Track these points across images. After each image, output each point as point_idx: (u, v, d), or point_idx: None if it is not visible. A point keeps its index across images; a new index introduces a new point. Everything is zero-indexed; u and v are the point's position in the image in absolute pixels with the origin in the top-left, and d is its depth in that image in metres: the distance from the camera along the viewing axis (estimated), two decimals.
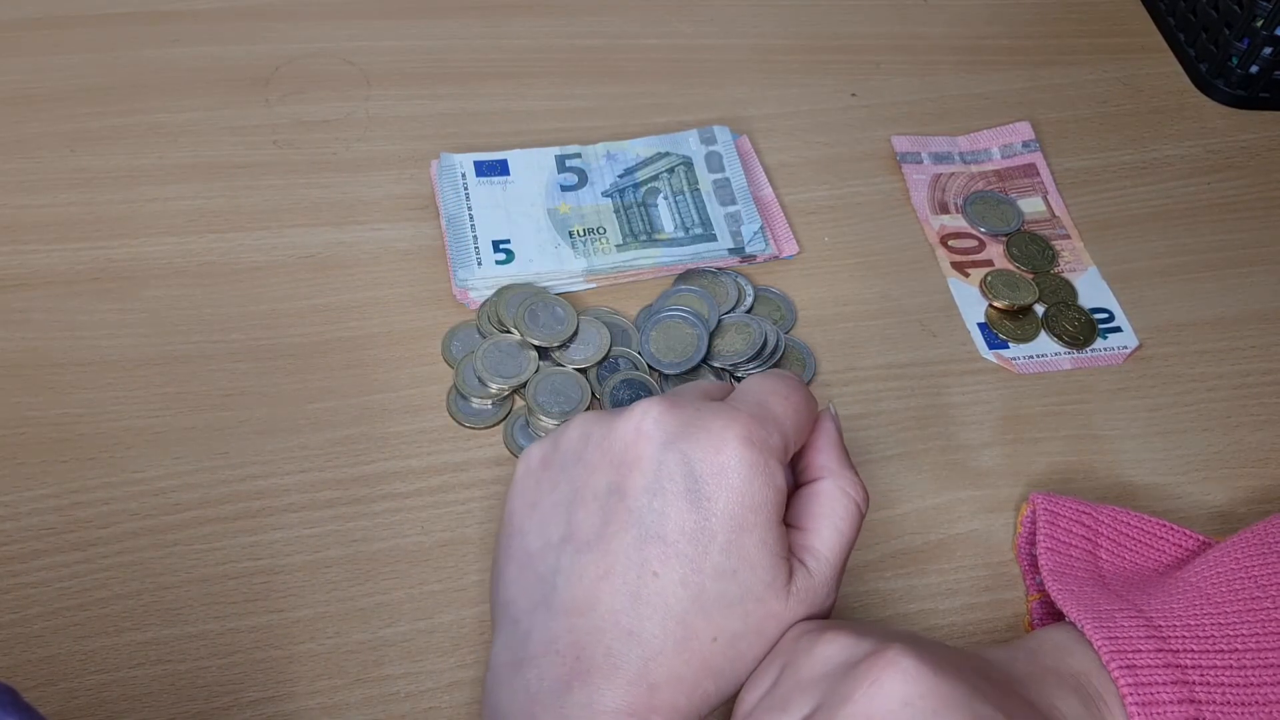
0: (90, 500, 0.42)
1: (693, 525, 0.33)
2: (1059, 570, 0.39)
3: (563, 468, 0.35)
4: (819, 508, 0.35)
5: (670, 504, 0.33)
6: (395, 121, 0.56)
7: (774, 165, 0.55)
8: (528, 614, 0.34)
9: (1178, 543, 0.40)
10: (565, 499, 0.35)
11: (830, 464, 0.36)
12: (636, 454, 0.34)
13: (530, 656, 0.33)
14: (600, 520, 0.33)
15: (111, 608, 0.39)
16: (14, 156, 0.53)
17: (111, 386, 0.45)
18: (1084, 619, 0.35)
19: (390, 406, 0.45)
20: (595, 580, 0.33)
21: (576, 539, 0.34)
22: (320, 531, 0.42)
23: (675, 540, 0.33)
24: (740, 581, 0.33)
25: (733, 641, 0.33)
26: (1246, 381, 0.49)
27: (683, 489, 0.33)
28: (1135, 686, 0.33)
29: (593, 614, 0.32)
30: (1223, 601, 0.35)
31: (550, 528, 0.35)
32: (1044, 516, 0.41)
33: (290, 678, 0.38)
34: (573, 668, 0.32)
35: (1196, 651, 0.34)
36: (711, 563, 0.32)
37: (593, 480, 0.34)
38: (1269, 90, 0.59)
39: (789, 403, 0.35)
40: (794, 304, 0.50)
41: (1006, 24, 0.64)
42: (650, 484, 0.33)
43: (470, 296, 0.49)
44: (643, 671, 0.32)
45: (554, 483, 0.35)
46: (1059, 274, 0.52)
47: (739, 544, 0.33)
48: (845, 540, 0.35)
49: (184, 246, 0.50)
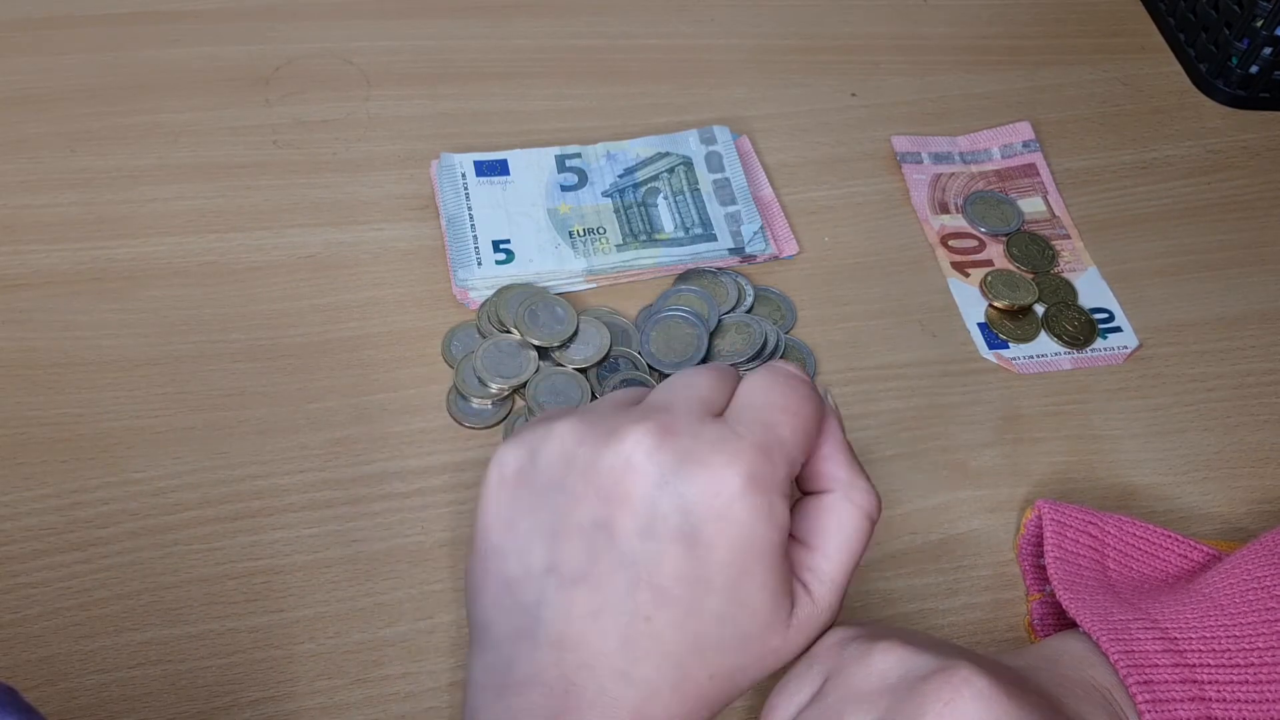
0: (90, 500, 0.42)
1: (689, 572, 0.30)
2: (1070, 580, 0.38)
3: (543, 491, 0.32)
4: (826, 523, 0.33)
5: (665, 549, 0.30)
6: (395, 121, 0.56)
7: (774, 165, 0.55)
8: (509, 641, 0.32)
9: (1184, 554, 0.39)
10: (547, 526, 0.32)
11: (839, 473, 0.34)
12: (626, 490, 0.31)
13: (514, 684, 0.31)
14: (587, 557, 0.31)
15: (111, 608, 0.39)
16: (14, 156, 0.53)
17: (111, 386, 0.45)
18: (1100, 631, 0.34)
19: (390, 406, 0.45)
20: (584, 618, 0.31)
21: (562, 572, 0.31)
22: (320, 531, 0.42)
23: (669, 586, 0.30)
24: (739, 625, 0.31)
25: (730, 676, 0.32)
26: (1247, 381, 0.49)
27: (677, 534, 0.30)
28: (1153, 703, 0.32)
29: (582, 651, 0.31)
30: (1237, 613, 0.35)
31: (531, 554, 0.32)
32: (1051, 526, 0.40)
33: (290, 678, 0.38)
34: (563, 703, 0.30)
35: (1213, 666, 0.33)
36: (709, 609, 0.31)
37: (577, 511, 0.31)
38: (1269, 90, 0.59)
39: (797, 419, 0.32)
40: (794, 304, 0.50)
41: (1006, 24, 0.64)
42: (643, 526, 0.31)
43: (470, 296, 0.49)
44: (637, 710, 0.30)
45: (533, 505, 0.33)
46: (1059, 274, 0.52)
47: (738, 589, 0.31)
48: (853, 558, 0.33)
49: (184, 246, 0.50)
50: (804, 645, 0.33)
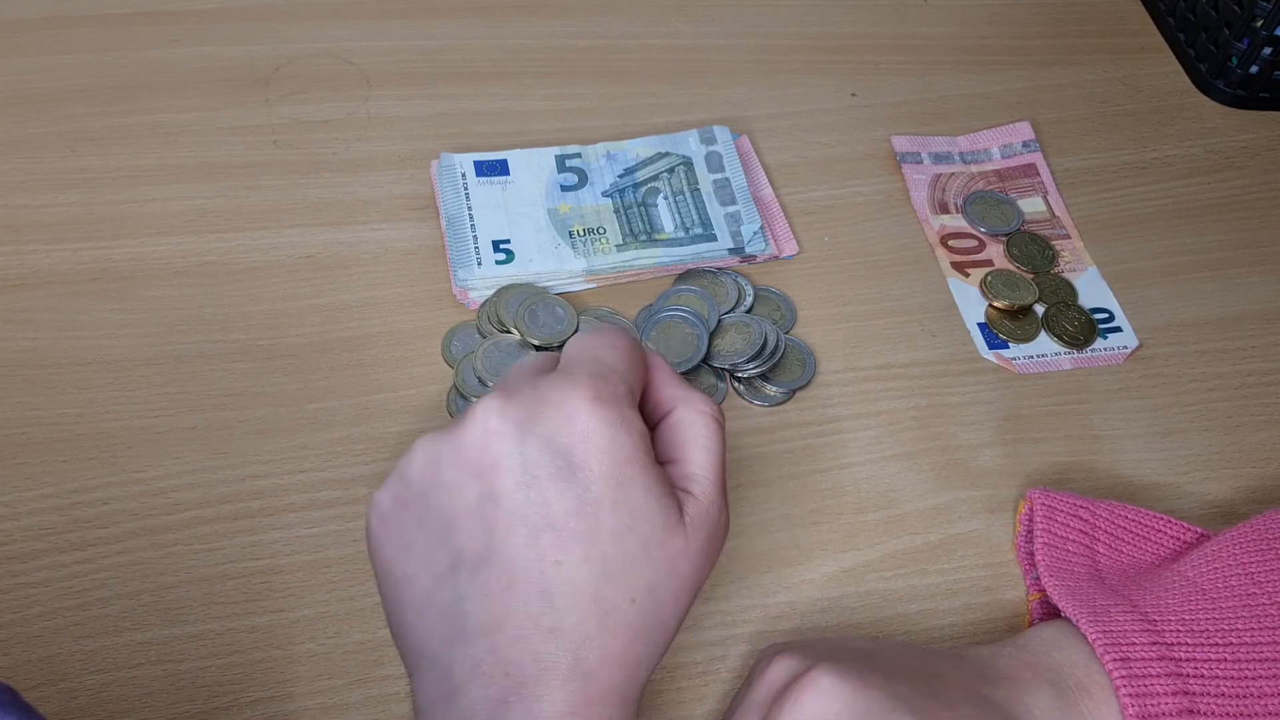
0: (90, 500, 0.42)
1: (576, 501, 0.32)
2: (1055, 566, 0.39)
3: (422, 498, 0.34)
4: (682, 435, 0.35)
5: (547, 489, 0.32)
6: (395, 121, 0.56)
7: (774, 165, 0.55)
8: (444, 649, 0.32)
9: (1176, 535, 0.40)
10: (438, 527, 0.33)
11: (675, 392, 0.36)
12: (494, 456, 0.32)
13: (456, 686, 0.31)
14: (484, 533, 0.32)
15: (111, 608, 0.39)
16: (14, 156, 0.53)
17: (111, 386, 0.45)
18: (1079, 614, 0.35)
19: (390, 406, 0.45)
20: (501, 592, 0.32)
21: (468, 560, 0.32)
22: (320, 531, 0.42)
23: (565, 522, 0.32)
24: (639, 534, 0.32)
25: (650, 594, 0.32)
26: (1247, 381, 0.49)
27: (553, 470, 0.32)
28: (1129, 678, 0.33)
29: (509, 625, 0.31)
30: (1219, 597, 0.36)
31: (435, 560, 0.33)
32: (1041, 512, 0.41)
33: (290, 678, 0.38)
34: (503, 684, 0.31)
35: (1191, 645, 0.34)
36: (606, 529, 0.32)
37: (460, 498, 0.33)
38: (1269, 90, 0.59)
39: (618, 350, 0.35)
40: (794, 304, 0.50)
41: (1006, 24, 0.64)
42: (520, 479, 0.32)
43: (470, 296, 0.49)
44: (574, 664, 0.31)
45: (420, 518, 0.33)
46: (1059, 274, 0.52)
47: (625, 500, 0.32)
48: (716, 457, 0.35)
49: (184, 246, 0.50)
50: (705, 543, 0.34)
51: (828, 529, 0.43)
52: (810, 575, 0.42)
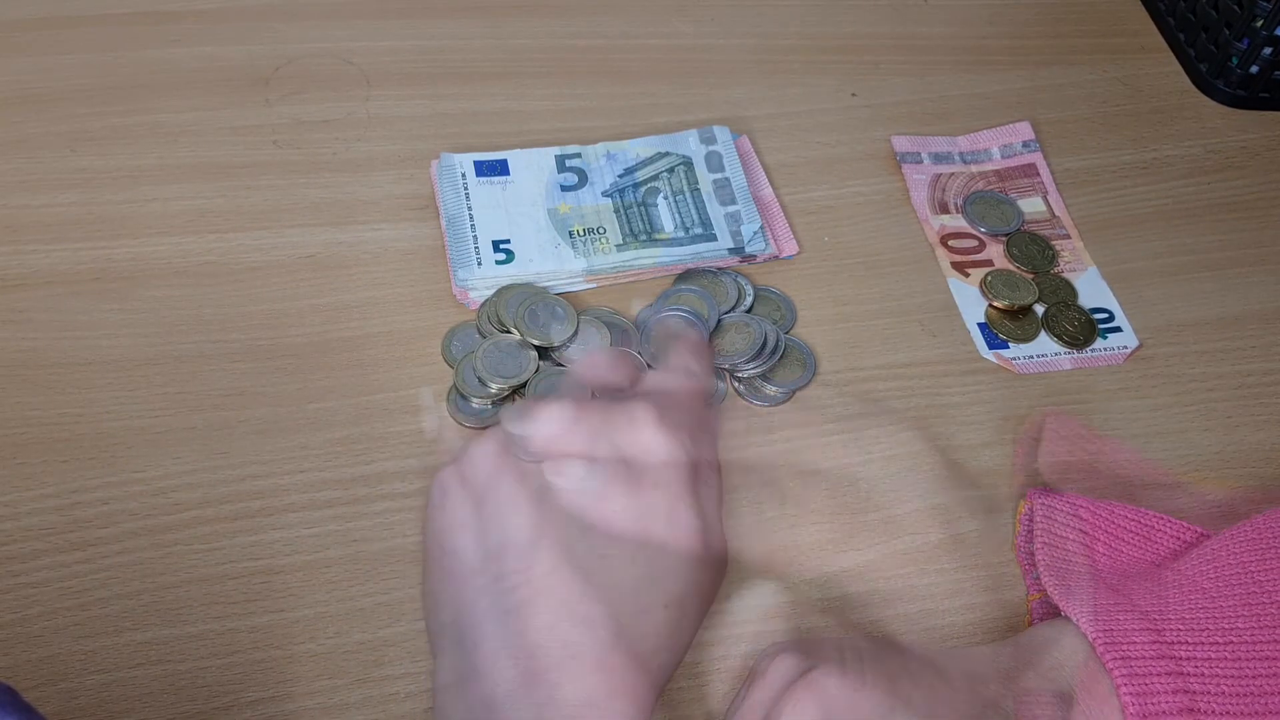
0: (90, 500, 0.42)
1: (631, 504, 0.34)
2: (1055, 566, 0.39)
3: (485, 482, 0.35)
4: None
5: (607, 487, 0.34)
6: (395, 121, 0.56)
7: (774, 165, 0.55)
8: (473, 628, 0.33)
9: (1176, 535, 0.40)
10: (494, 509, 0.35)
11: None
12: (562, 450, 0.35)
13: (480, 666, 0.32)
14: (537, 518, 0.34)
15: (111, 608, 0.39)
16: (14, 156, 0.53)
17: (111, 386, 0.45)
18: (1079, 613, 0.36)
19: (390, 406, 0.45)
20: (544, 575, 0.33)
21: (517, 542, 0.34)
22: (320, 531, 0.42)
23: (617, 519, 0.34)
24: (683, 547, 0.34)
25: (680, 605, 0.34)
26: (1247, 381, 0.49)
27: (615, 471, 0.34)
28: (1130, 677, 0.33)
29: (544, 609, 0.32)
30: (1219, 596, 0.36)
31: (486, 538, 0.34)
32: (1041, 512, 0.41)
33: (290, 678, 0.38)
34: (528, 667, 0.32)
35: (1191, 644, 0.34)
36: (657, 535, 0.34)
37: (523, 485, 0.35)
38: (1269, 90, 0.59)
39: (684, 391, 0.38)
40: (794, 304, 0.50)
41: (1006, 24, 0.64)
42: (584, 471, 0.34)
43: (470, 296, 0.49)
44: (601, 657, 0.32)
45: (479, 497, 0.35)
46: (1059, 274, 0.52)
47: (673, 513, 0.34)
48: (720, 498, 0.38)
49: (184, 246, 0.50)
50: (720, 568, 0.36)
51: (828, 529, 0.43)
52: (810, 575, 0.42)
